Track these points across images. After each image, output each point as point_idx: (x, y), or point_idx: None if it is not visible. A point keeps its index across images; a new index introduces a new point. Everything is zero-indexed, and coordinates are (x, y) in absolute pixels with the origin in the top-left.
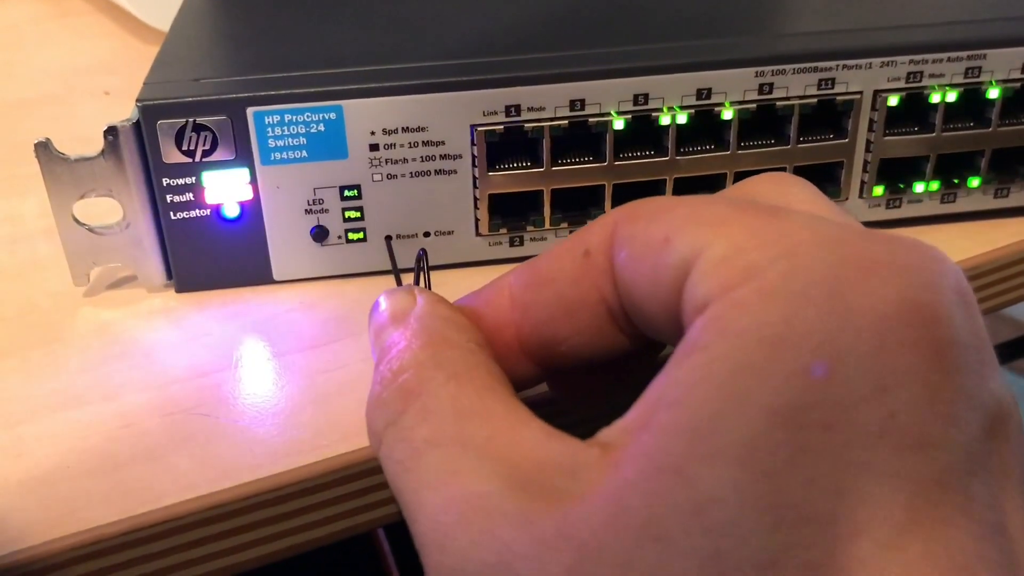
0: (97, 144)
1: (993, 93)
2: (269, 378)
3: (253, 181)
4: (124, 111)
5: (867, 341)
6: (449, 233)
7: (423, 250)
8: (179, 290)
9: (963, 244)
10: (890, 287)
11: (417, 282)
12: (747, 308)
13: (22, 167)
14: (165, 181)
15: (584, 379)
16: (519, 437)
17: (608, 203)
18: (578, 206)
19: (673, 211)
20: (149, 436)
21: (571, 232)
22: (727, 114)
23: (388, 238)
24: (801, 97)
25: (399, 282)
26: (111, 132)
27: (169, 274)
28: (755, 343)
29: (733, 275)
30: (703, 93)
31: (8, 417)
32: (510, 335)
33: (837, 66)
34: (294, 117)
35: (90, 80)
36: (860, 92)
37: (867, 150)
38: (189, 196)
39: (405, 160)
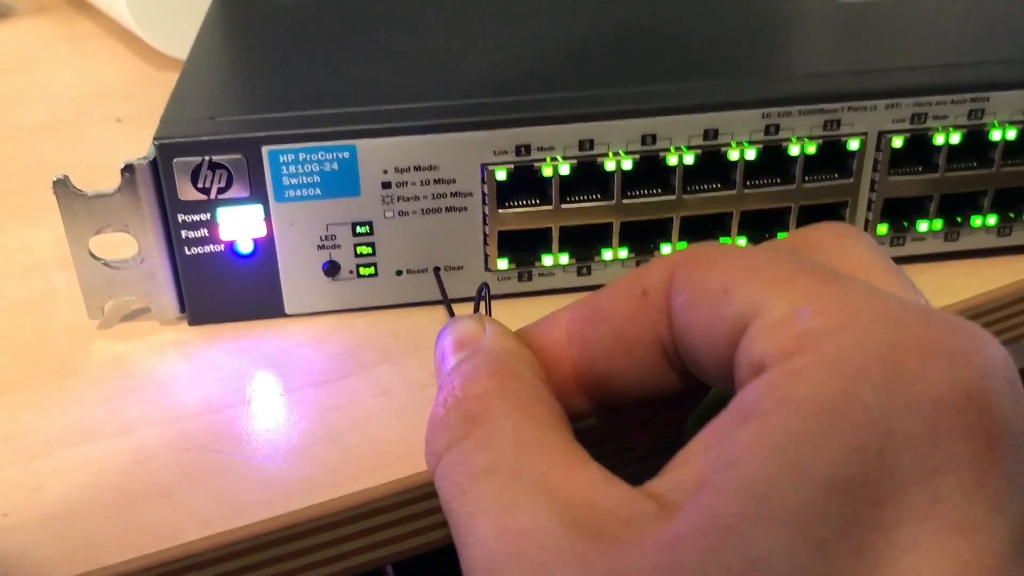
0: (110, 172)
1: (996, 135)
2: (281, 414)
3: (267, 218)
4: (136, 139)
5: (921, 424)
6: (459, 268)
7: (486, 284)
8: (192, 323)
9: (966, 282)
10: (945, 372)
11: (476, 312)
12: (807, 378)
13: (35, 195)
14: (180, 217)
15: (631, 413)
16: (576, 477)
17: (615, 240)
18: (586, 242)
19: (734, 261)
20: (164, 472)
21: (579, 268)
22: (734, 154)
23: (437, 270)
24: (807, 138)
25: (451, 312)
26: (128, 169)
27: (182, 307)
28: (814, 415)
29: (792, 340)
30: (710, 134)
31: (25, 451)
32: (566, 369)
33: (842, 108)
34: (308, 156)
35: (102, 106)
36: (865, 133)
37: (872, 189)
38: (204, 232)
39: (417, 197)
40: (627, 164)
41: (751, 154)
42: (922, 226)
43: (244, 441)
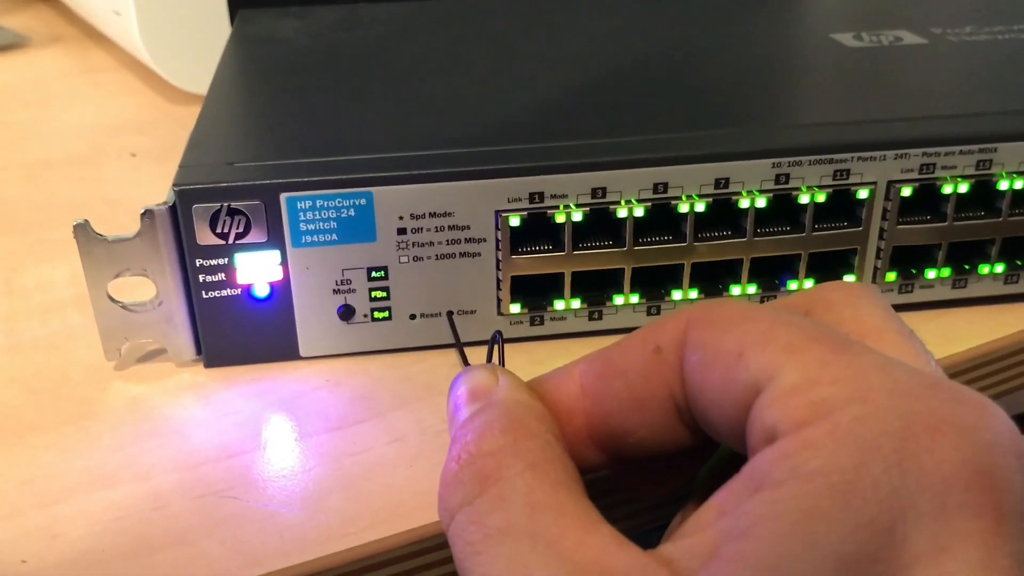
0: (127, 209)
1: (1003, 185)
2: (296, 460)
3: (284, 262)
4: (151, 174)
5: (930, 500)
6: (472, 312)
7: (499, 332)
8: (208, 365)
9: (974, 329)
10: (953, 448)
11: (489, 359)
12: (819, 450)
13: (53, 231)
14: (198, 262)
15: (644, 466)
16: (589, 539)
17: (627, 285)
18: (598, 288)
19: (748, 324)
20: (181, 519)
21: (591, 313)
22: (744, 203)
23: (450, 314)
24: (816, 187)
25: (463, 355)
26: (147, 214)
27: (198, 349)
28: (826, 488)
29: (805, 409)
30: (721, 183)
31: (44, 495)
32: (579, 422)
33: (852, 158)
34: (326, 202)
35: (117, 140)
36: (874, 183)
37: (880, 238)
38: (221, 276)
39: (431, 243)
40: (639, 211)
41: (761, 202)
42: (930, 274)
43: (260, 488)
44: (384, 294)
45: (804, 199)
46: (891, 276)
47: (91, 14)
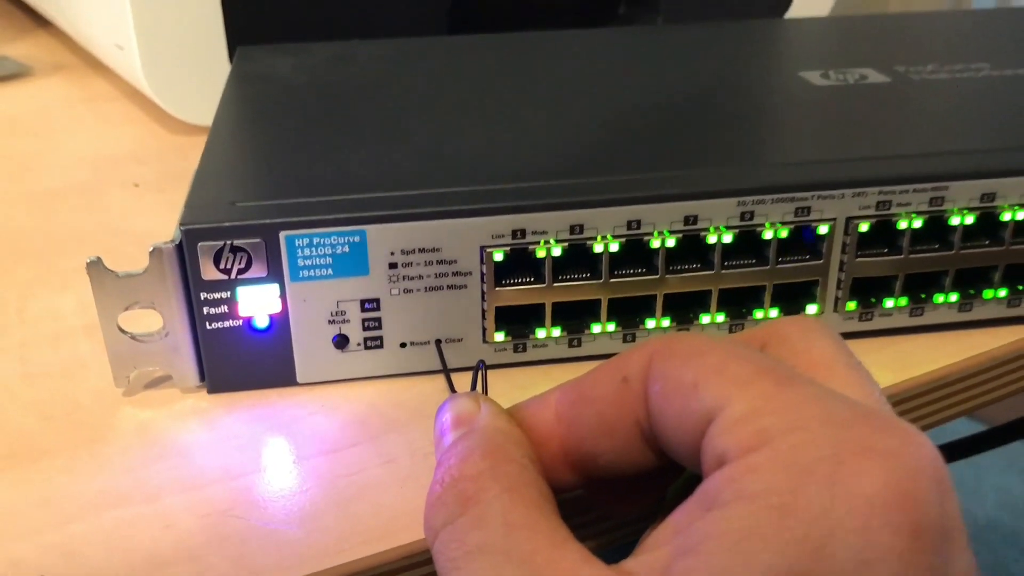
0: (132, 239)
1: (955, 220)
2: (295, 482)
3: (283, 295)
4: (153, 204)
5: (856, 519)
6: (459, 340)
7: (482, 361)
8: (211, 391)
9: (931, 355)
10: (878, 472)
11: (473, 387)
12: (760, 474)
13: (60, 260)
14: (203, 295)
15: (615, 486)
16: (559, 555)
17: (604, 315)
18: (577, 317)
19: (704, 357)
20: (189, 536)
21: (570, 341)
22: (712, 238)
23: (438, 342)
24: (779, 223)
25: (449, 381)
26: (156, 252)
27: (202, 376)
28: (765, 509)
29: (750, 437)
30: (690, 219)
31: (60, 515)
32: (555, 446)
33: (812, 196)
34: (322, 240)
35: (119, 170)
36: (834, 219)
37: (840, 270)
38: (224, 309)
39: (421, 277)
40: (614, 246)
41: (728, 238)
42: (888, 303)
43: (262, 507)
44: (376, 324)
45: (768, 235)
46: (851, 305)
47: (93, 45)
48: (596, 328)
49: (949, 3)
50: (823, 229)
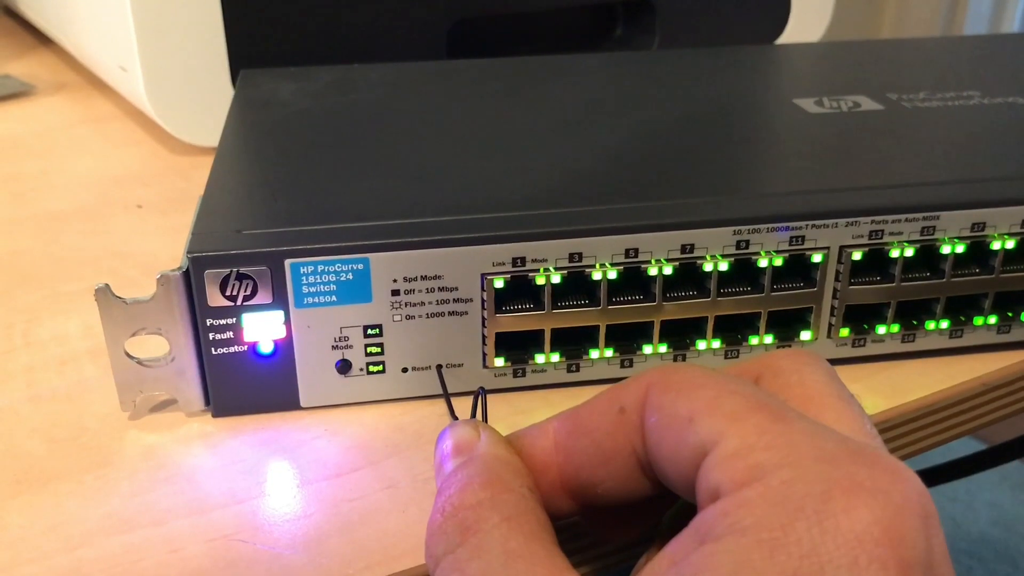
0: (135, 262)
1: (947, 249)
2: (299, 506)
3: (287, 322)
4: (157, 226)
5: (845, 555)
6: (459, 365)
7: (482, 388)
8: (216, 415)
9: (922, 380)
10: (866, 509)
11: (473, 414)
12: (752, 509)
13: (66, 284)
14: (209, 321)
15: (613, 513)
16: None
17: (602, 341)
18: (575, 342)
19: (699, 391)
20: (195, 561)
21: (569, 366)
22: (708, 266)
23: (439, 367)
24: (774, 252)
25: (450, 406)
26: (163, 279)
27: (207, 400)
28: (756, 543)
29: (743, 472)
30: (687, 248)
31: (68, 540)
32: (553, 474)
33: (807, 225)
34: (327, 267)
35: (122, 192)
36: (827, 248)
37: (834, 297)
38: (229, 335)
39: (422, 303)
40: (612, 274)
41: (724, 266)
42: (881, 330)
43: (266, 532)
44: (379, 350)
45: (763, 263)
46: (844, 332)
47: (96, 65)
48: (594, 354)
49: (941, 28)
50: (817, 258)
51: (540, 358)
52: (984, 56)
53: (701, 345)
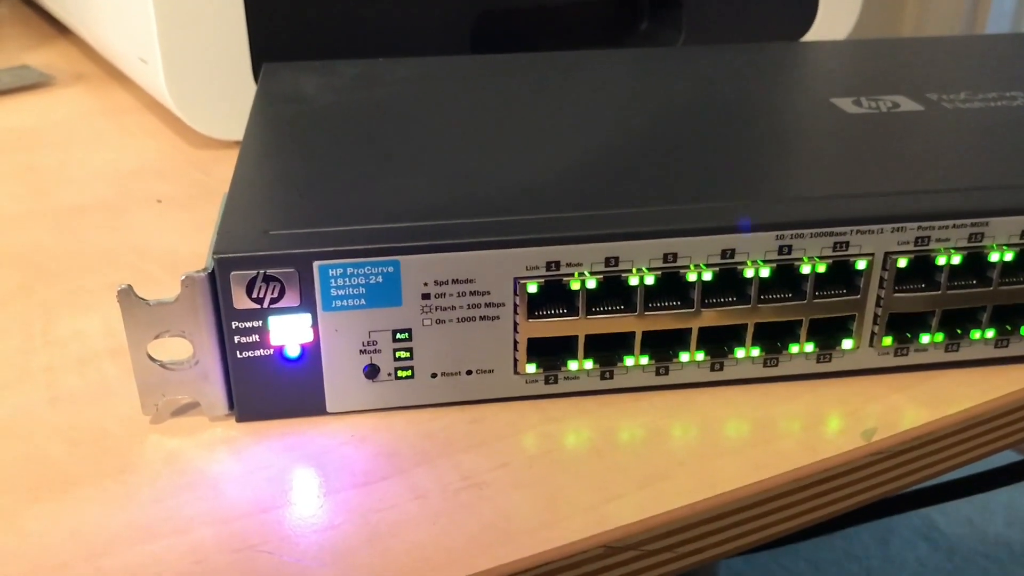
0: (156, 258)
1: (994, 256)
2: (326, 516)
3: (315, 325)
4: (177, 221)
5: None
6: (490, 371)
7: None
8: (239, 420)
9: (966, 391)
10: None
11: None
12: None
13: (86, 279)
14: (234, 324)
15: None
16: None
17: (637, 347)
18: (610, 349)
19: None
20: (220, 573)
21: (602, 373)
22: (749, 272)
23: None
24: (817, 258)
25: None
26: (188, 281)
27: (231, 404)
28: None
29: None
30: (727, 253)
31: (90, 548)
32: None
33: (851, 231)
34: (356, 270)
35: (141, 185)
36: (872, 254)
37: (877, 305)
38: (255, 338)
39: (453, 307)
40: (649, 279)
41: (765, 272)
42: (924, 338)
43: (293, 543)
44: (408, 354)
45: (805, 269)
46: (887, 340)
47: (115, 57)
48: (629, 361)
49: (962, 26)
50: (861, 264)
51: (573, 364)
52: (1020, 56)
53: (740, 353)
